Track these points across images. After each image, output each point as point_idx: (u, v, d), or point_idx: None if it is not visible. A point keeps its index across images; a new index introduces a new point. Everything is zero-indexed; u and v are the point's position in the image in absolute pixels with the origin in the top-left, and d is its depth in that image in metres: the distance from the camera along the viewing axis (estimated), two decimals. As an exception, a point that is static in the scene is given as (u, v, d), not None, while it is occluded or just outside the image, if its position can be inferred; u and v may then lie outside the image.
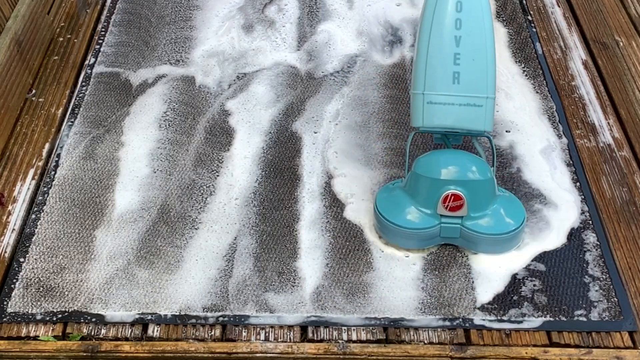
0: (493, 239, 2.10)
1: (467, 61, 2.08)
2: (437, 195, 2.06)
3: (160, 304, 2.02)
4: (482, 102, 2.10)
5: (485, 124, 2.11)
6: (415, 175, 2.12)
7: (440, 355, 1.92)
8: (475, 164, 2.11)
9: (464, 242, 2.12)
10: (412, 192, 2.13)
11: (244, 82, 2.73)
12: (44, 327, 1.98)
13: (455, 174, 2.08)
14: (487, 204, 2.10)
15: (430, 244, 2.13)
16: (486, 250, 2.11)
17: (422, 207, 2.10)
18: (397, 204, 2.14)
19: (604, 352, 1.93)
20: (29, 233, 2.19)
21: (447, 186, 2.06)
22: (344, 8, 3.10)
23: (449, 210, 2.07)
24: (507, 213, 2.12)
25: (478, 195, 2.08)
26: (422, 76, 2.11)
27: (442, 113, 2.10)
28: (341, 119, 2.57)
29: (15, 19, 2.66)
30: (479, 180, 2.08)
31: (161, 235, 2.19)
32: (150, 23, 3.02)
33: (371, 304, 2.02)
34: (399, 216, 2.11)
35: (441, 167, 2.09)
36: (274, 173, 2.39)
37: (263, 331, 1.97)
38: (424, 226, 2.09)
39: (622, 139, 2.51)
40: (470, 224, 2.09)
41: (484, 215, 2.09)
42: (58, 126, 2.55)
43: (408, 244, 2.13)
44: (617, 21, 2.97)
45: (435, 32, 2.09)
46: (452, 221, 2.09)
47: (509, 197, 2.18)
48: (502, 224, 2.10)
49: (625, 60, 2.78)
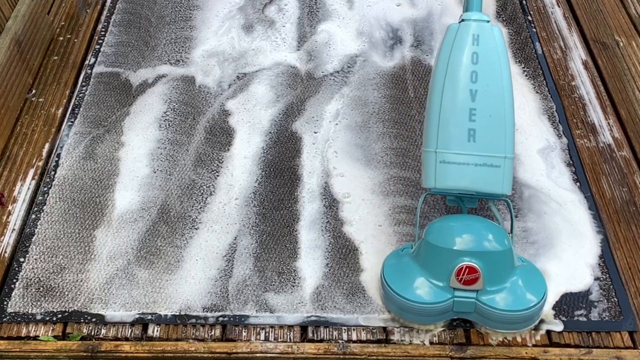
0: (511, 316, 1.90)
1: (484, 117, 1.93)
2: (450, 267, 1.87)
3: (160, 304, 2.02)
4: (500, 162, 1.94)
5: (504, 187, 1.95)
6: (426, 244, 1.93)
7: (440, 355, 1.92)
8: (493, 232, 1.92)
9: (479, 317, 1.93)
10: (423, 262, 1.94)
11: (244, 82, 2.73)
12: (44, 327, 1.98)
13: (470, 243, 1.89)
14: (505, 277, 1.91)
15: (441, 319, 1.94)
16: (502, 327, 1.93)
17: (433, 279, 1.91)
18: (406, 274, 1.95)
19: (604, 352, 1.93)
20: (29, 233, 2.19)
21: (461, 257, 1.87)
22: (344, 8, 3.10)
23: (463, 284, 1.88)
24: (527, 286, 1.92)
25: (495, 267, 1.88)
26: (435, 132, 1.95)
27: (456, 173, 1.94)
28: (341, 119, 2.57)
29: (15, 19, 2.66)
30: (497, 251, 1.89)
31: (161, 235, 2.19)
32: (150, 23, 3.02)
33: (371, 304, 2.02)
34: (407, 289, 1.92)
35: (455, 235, 1.91)
36: (274, 173, 2.39)
37: (263, 331, 1.97)
38: (435, 301, 1.90)
39: (622, 139, 2.51)
40: (486, 299, 1.89)
41: (501, 290, 1.90)
42: (58, 126, 2.55)
43: (417, 319, 1.94)
44: (617, 21, 2.97)
45: (449, 86, 1.95)
46: (466, 295, 1.89)
47: (528, 267, 1.98)
48: (521, 300, 1.90)
49: (625, 60, 2.78)
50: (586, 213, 2.26)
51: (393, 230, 2.21)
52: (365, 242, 2.18)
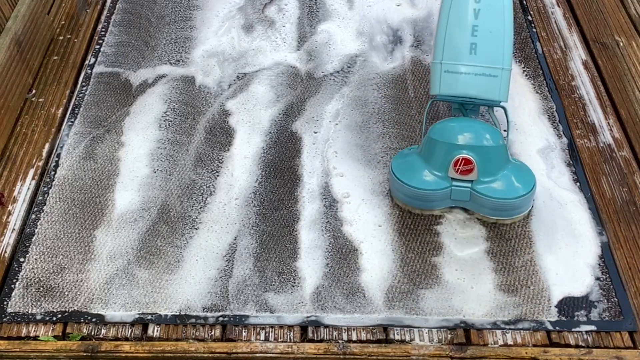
0: (501, 203, 2.16)
1: (485, 33, 2.19)
2: (448, 159, 2.16)
3: (160, 304, 2.02)
4: (497, 73, 2.19)
5: (500, 94, 2.20)
6: (429, 140, 2.21)
7: (440, 355, 1.92)
8: (488, 131, 2.19)
9: (474, 205, 2.20)
10: (426, 156, 2.22)
11: (244, 82, 2.73)
12: (44, 327, 1.98)
13: (467, 139, 2.16)
14: (497, 170, 2.17)
15: (441, 205, 2.22)
16: (494, 214, 2.19)
17: (434, 170, 2.19)
18: (411, 167, 2.23)
19: (604, 352, 1.93)
20: (29, 233, 2.19)
21: (458, 150, 2.14)
22: (344, 8, 3.10)
23: (460, 174, 2.15)
24: (517, 179, 2.19)
25: (489, 160, 2.16)
26: (441, 46, 2.21)
27: (458, 82, 2.20)
28: (341, 119, 2.57)
29: (15, 19, 2.66)
30: (491, 147, 2.16)
31: (161, 235, 2.19)
32: (150, 23, 3.02)
33: (371, 304, 2.02)
34: (412, 178, 2.21)
35: (455, 132, 2.18)
36: (274, 173, 2.39)
37: (263, 331, 1.97)
38: (435, 188, 2.18)
39: (622, 139, 2.51)
40: (480, 188, 2.17)
41: (494, 180, 2.17)
42: (58, 126, 2.55)
43: (420, 205, 2.22)
44: (617, 21, 2.97)
45: (456, 5, 2.21)
46: (462, 184, 2.17)
47: (520, 165, 2.25)
48: (511, 189, 2.17)
49: (625, 60, 2.78)
50: (586, 213, 2.26)
51: (393, 230, 2.21)
52: (365, 242, 2.18)
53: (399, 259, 2.13)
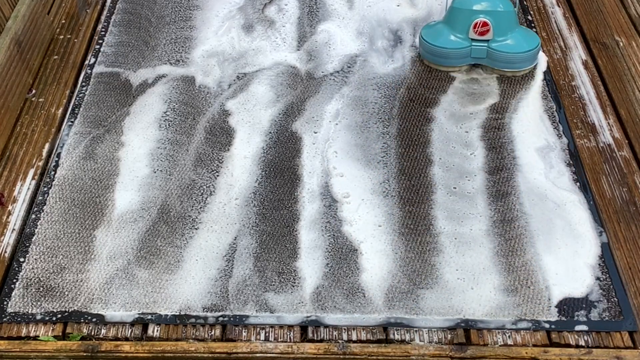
0: (513, 56, 2.69)
1: None
2: (468, 23, 2.69)
3: (160, 304, 2.02)
4: None
5: None
6: (452, 9, 2.74)
7: (440, 355, 1.92)
8: (502, 1, 2.71)
9: (490, 61, 2.72)
10: (449, 22, 2.75)
11: (244, 82, 2.73)
12: (44, 327, 1.98)
13: (484, 6, 2.69)
14: (508, 31, 2.70)
15: (463, 62, 2.74)
16: (507, 66, 2.70)
17: (457, 33, 2.72)
18: (438, 31, 2.76)
19: (604, 352, 1.93)
20: (29, 233, 2.19)
21: (477, 15, 2.68)
22: (344, 8, 3.10)
23: (478, 35, 2.69)
24: (525, 39, 2.72)
25: (502, 23, 2.69)
26: None
27: None
28: (341, 119, 2.57)
29: (15, 19, 2.66)
30: (504, 11, 2.69)
31: (161, 235, 2.19)
32: (150, 23, 3.02)
33: (371, 304, 2.02)
34: (439, 39, 2.73)
35: (474, 1, 2.70)
36: (274, 173, 2.39)
37: (263, 331, 1.97)
38: (458, 47, 2.71)
39: (622, 139, 2.51)
40: (495, 45, 2.69)
41: (506, 39, 2.70)
42: (58, 126, 2.55)
43: (445, 62, 2.73)
44: (617, 21, 2.97)
45: None
46: (480, 44, 2.70)
47: (526, 29, 2.80)
48: (520, 45, 2.70)
49: (625, 60, 2.78)
50: (586, 213, 2.26)
51: (393, 230, 2.21)
52: (365, 242, 2.18)
53: (399, 259, 2.13)
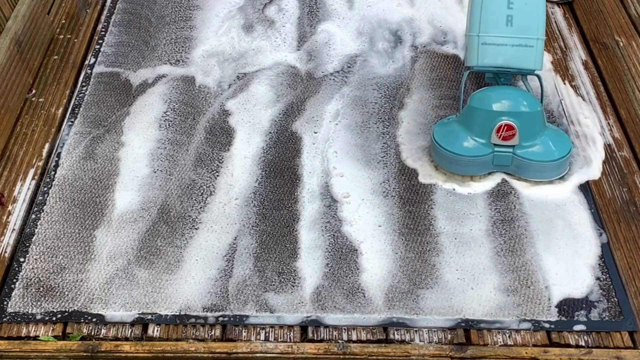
0: (542, 165, 2.32)
1: (520, 5, 2.35)
2: (491, 126, 2.29)
3: (160, 304, 2.02)
4: (533, 43, 2.35)
5: (536, 63, 2.36)
6: (470, 108, 2.34)
7: (440, 355, 1.92)
8: (526, 98, 2.34)
9: (515, 169, 2.34)
10: (467, 124, 2.35)
11: (244, 82, 2.73)
12: (44, 327, 1.98)
13: (508, 106, 2.30)
14: (536, 134, 2.32)
15: (484, 170, 2.35)
16: (535, 176, 2.33)
17: (476, 137, 2.32)
18: (454, 134, 2.36)
19: (604, 352, 1.93)
20: (29, 233, 2.20)
21: (500, 117, 2.28)
22: (344, 8, 3.10)
23: (502, 140, 2.29)
24: (555, 143, 2.34)
25: (529, 126, 2.30)
26: (478, 20, 2.37)
27: (496, 53, 2.36)
28: (341, 119, 2.57)
29: (15, 19, 2.66)
30: (530, 112, 2.30)
31: (161, 235, 2.19)
32: (150, 23, 3.02)
33: (371, 304, 2.02)
34: (455, 145, 2.33)
35: (495, 100, 2.32)
36: (274, 173, 2.39)
37: (263, 331, 1.97)
38: (478, 154, 2.32)
39: (622, 139, 2.51)
40: (521, 152, 2.31)
41: (533, 144, 2.31)
42: (58, 126, 2.55)
43: (463, 171, 2.35)
44: (617, 21, 2.97)
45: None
46: (504, 150, 2.31)
47: (556, 130, 2.40)
48: (550, 152, 2.32)
49: (625, 60, 2.78)
50: (586, 213, 2.26)
51: (393, 230, 2.21)
52: (365, 242, 2.18)
53: (399, 259, 2.13)
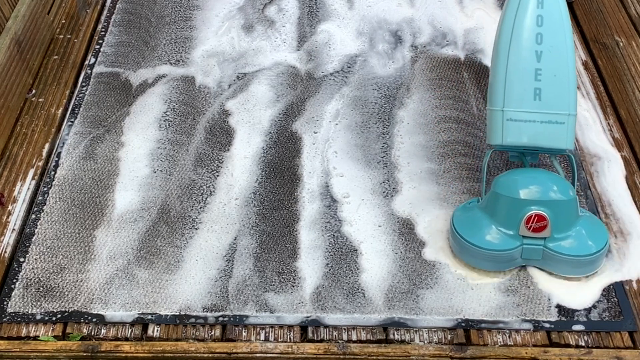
0: (577, 260, 2.03)
1: (549, 77, 2.06)
2: (519, 216, 2.00)
3: (160, 304, 2.02)
4: (564, 119, 2.06)
5: (567, 142, 2.07)
6: (495, 195, 2.06)
7: (440, 355, 1.92)
8: (558, 183, 2.05)
9: (545, 263, 2.06)
10: (492, 212, 2.06)
11: (244, 82, 2.73)
12: (44, 327, 1.98)
13: (538, 193, 2.02)
14: (570, 225, 2.04)
15: (510, 266, 2.07)
16: (567, 272, 2.05)
17: (502, 228, 2.04)
18: (476, 224, 2.07)
19: (604, 352, 1.93)
20: (29, 233, 2.19)
21: (529, 206, 2.00)
22: (344, 8, 3.09)
23: (532, 231, 2.01)
24: (590, 235, 2.06)
25: (561, 215, 2.02)
26: (502, 92, 2.08)
27: (523, 130, 2.07)
28: (341, 119, 2.57)
29: (15, 19, 2.66)
30: (563, 201, 2.02)
31: (161, 235, 2.19)
32: (150, 23, 3.02)
33: (371, 304, 2.02)
34: (478, 237, 2.05)
35: (523, 186, 2.03)
36: (274, 173, 2.39)
37: (263, 331, 1.97)
38: (505, 248, 2.03)
39: (622, 139, 2.51)
40: (553, 245, 2.03)
41: (567, 237, 2.03)
42: (58, 126, 2.55)
43: (487, 266, 2.06)
44: (617, 21, 2.97)
45: (515, 47, 2.07)
46: (534, 242, 2.03)
47: (590, 218, 2.11)
48: (585, 246, 2.04)
49: (625, 60, 2.78)
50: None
51: (393, 230, 2.21)
52: (365, 242, 2.18)
53: (399, 259, 2.13)
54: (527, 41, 2.07)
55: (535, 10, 2.08)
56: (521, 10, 2.09)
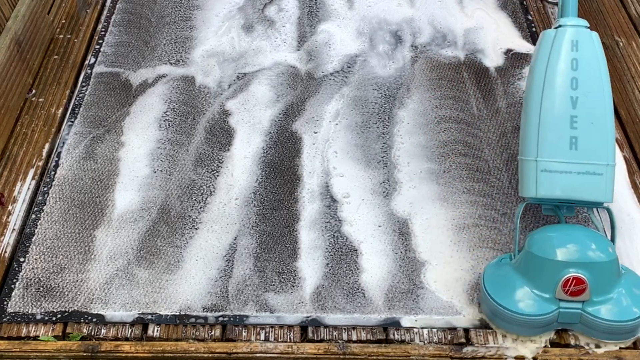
0: (618, 327, 1.88)
1: (586, 125, 1.94)
2: (556, 279, 1.85)
3: (160, 304, 2.02)
4: (602, 170, 1.93)
5: (606, 195, 1.95)
6: (530, 255, 1.91)
7: (440, 355, 1.92)
8: (597, 241, 1.90)
9: (584, 327, 1.91)
10: (526, 273, 1.91)
11: (244, 82, 2.73)
12: (44, 327, 1.98)
13: (575, 254, 1.87)
14: (611, 287, 1.89)
15: (545, 330, 1.92)
16: (607, 337, 1.91)
17: (537, 290, 1.89)
18: (509, 285, 1.92)
19: (604, 352, 1.93)
20: (29, 233, 2.20)
21: (567, 269, 1.85)
22: (344, 8, 3.09)
23: (570, 295, 1.86)
24: (632, 297, 1.90)
25: (601, 277, 1.86)
26: (535, 141, 1.96)
27: (558, 182, 1.95)
28: (341, 119, 2.57)
29: (15, 19, 2.66)
30: (603, 262, 1.87)
31: (161, 235, 2.19)
32: (150, 23, 3.02)
33: (371, 304, 2.02)
34: (511, 300, 1.89)
35: (559, 246, 1.89)
36: (274, 173, 2.39)
37: (263, 331, 1.97)
38: (540, 313, 1.88)
39: (622, 139, 2.51)
40: (592, 310, 1.87)
41: (607, 300, 1.88)
42: (58, 126, 2.55)
43: (520, 331, 1.92)
44: (617, 21, 2.97)
45: (549, 93, 1.96)
46: (572, 306, 1.88)
47: (631, 277, 1.95)
48: (627, 311, 1.88)
49: (625, 60, 2.78)
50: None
51: (393, 230, 2.21)
52: (365, 242, 2.18)
53: (399, 259, 2.13)
54: (561, 87, 1.96)
55: (569, 53, 1.97)
56: (554, 53, 1.98)
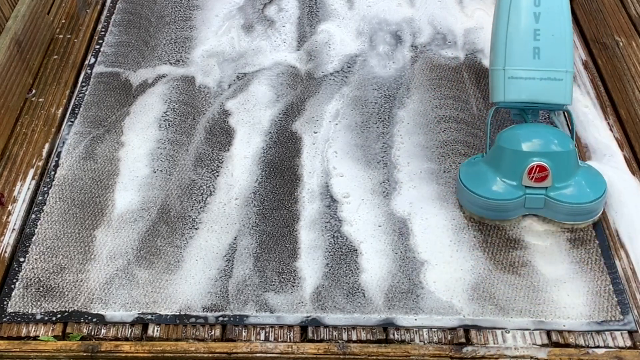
0: (577, 208, 2.15)
1: (547, 36, 2.19)
2: (522, 167, 2.13)
3: (160, 304, 2.02)
4: (562, 76, 2.19)
5: (566, 98, 2.20)
6: (499, 149, 2.19)
7: (440, 355, 1.92)
8: (558, 136, 2.19)
9: (548, 212, 2.18)
10: (496, 165, 2.19)
11: (244, 82, 2.73)
12: (44, 327, 1.98)
13: (539, 146, 2.15)
14: (570, 175, 2.17)
15: (514, 215, 2.19)
16: (569, 219, 2.17)
17: (506, 179, 2.17)
18: (482, 176, 2.20)
19: (604, 352, 1.93)
20: (29, 233, 2.20)
21: (531, 158, 2.13)
22: (344, 8, 3.10)
23: (534, 181, 2.14)
24: (589, 184, 2.19)
25: (562, 166, 2.15)
26: (502, 52, 2.21)
27: (523, 87, 2.20)
28: (341, 119, 2.57)
29: (15, 19, 2.66)
30: (563, 152, 2.15)
31: (161, 235, 2.19)
32: (150, 23, 3.02)
33: (371, 303, 2.02)
34: (484, 188, 2.17)
35: (525, 139, 2.17)
36: (274, 173, 2.39)
37: (263, 331, 1.97)
38: (510, 197, 2.16)
39: (622, 139, 2.51)
40: (554, 194, 2.15)
41: (567, 186, 2.16)
42: (58, 126, 2.55)
43: (493, 215, 2.19)
44: (617, 21, 2.97)
45: (515, 10, 2.20)
46: (537, 192, 2.15)
47: (589, 169, 2.24)
48: (584, 194, 2.17)
49: (625, 60, 2.78)
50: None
51: (393, 230, 2.21)
52: (365, 242, 2.18)
53: (399, 259, 2.13)
54: (526, 4, 2.20)
55: None
56: None
